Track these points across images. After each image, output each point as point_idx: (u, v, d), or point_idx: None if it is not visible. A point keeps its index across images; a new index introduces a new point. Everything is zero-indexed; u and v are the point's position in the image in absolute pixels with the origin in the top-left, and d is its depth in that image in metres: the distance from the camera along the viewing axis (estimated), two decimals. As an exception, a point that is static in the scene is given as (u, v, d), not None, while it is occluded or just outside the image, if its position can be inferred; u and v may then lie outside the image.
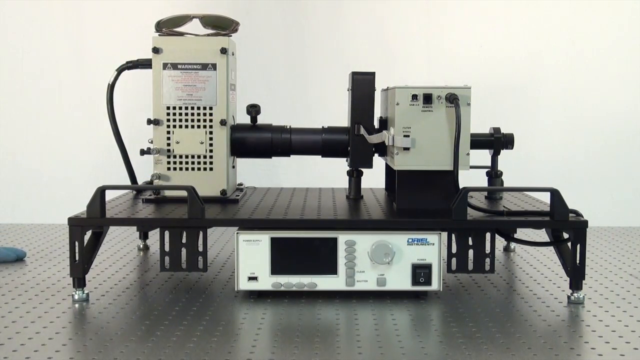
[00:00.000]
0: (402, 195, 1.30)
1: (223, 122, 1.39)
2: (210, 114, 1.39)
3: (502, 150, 1.46)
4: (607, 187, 2.18)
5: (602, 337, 1.06)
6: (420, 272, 1.21)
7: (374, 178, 1.53)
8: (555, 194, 1.22)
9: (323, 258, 1.22)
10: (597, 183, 2.18)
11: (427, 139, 1.25)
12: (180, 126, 1.39)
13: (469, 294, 1.28)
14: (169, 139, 1.39)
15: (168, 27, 1.42)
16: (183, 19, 1.42)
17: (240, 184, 1.60)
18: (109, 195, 1.33)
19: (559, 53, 2.16)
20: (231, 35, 1.43)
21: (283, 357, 0.98)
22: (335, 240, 1.22)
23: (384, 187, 1.56)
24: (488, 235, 1.25)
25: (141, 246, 1.64)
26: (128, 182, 1.52)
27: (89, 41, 2.13)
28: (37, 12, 2.15)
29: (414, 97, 1.25)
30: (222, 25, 1.43)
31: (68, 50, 2.16)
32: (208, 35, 1.42)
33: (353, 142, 1.39)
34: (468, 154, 1.26)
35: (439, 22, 2.16)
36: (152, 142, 1.39)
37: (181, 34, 1.42)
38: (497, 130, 1.45)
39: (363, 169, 1.45)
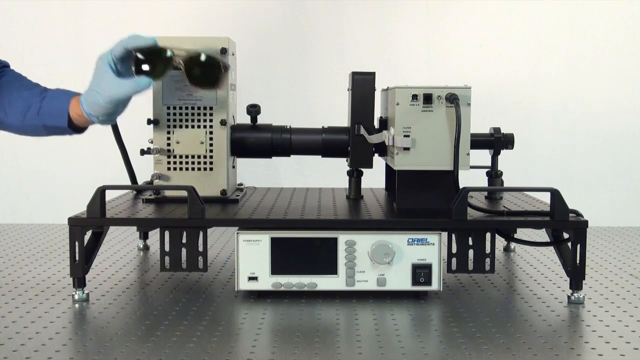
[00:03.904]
0: (402, 195, 1.30)
1: (223, 122, 1.39)
2: (210, 114, 1.39)
3: (502, 150, 1.46)
4: (607, 187, 2.18)
5: (602, 337, 1.06)
6: (420, 272, 1.21)
7: (374, 178, 1.53)
8: (555, 194, 1.22)
9: (323, 258, 1.22)
10: (597, 183, 2.18)
11: (427, 139, 1.25)
12: (180, 126, 1.39)
13: (469, 294, 1.28)
14: (169, 139, 1.39)
15: None
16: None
17: (240, 184, 1.60)
18: (109, 195, 1.33)
19: (559, 53, 2.16)
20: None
21: (283, 357, 0.98)
22: (335, 240, 1.21)
23: (384, 187, 1.56)
24: (488, 235, 1.25)
25: (141, 246, 1.64)
26: (128, 182, 1.52)
27: (89, 41, 2.13)
28: (37, 12, 2.15)
29: (414, 97, 1.25)
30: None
31: (68, 50, 2.16)
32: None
33: (353, 142, 1.39)
34: (468, 154, 1.26)
35: (439, 22, 2.16)
36: (152, 142, 1.39)
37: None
38: (497, 130, 1.45)
39: (363, 169, 1.45)
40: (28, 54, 2.12)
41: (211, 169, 1.40)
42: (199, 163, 1.39)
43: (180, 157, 1.39)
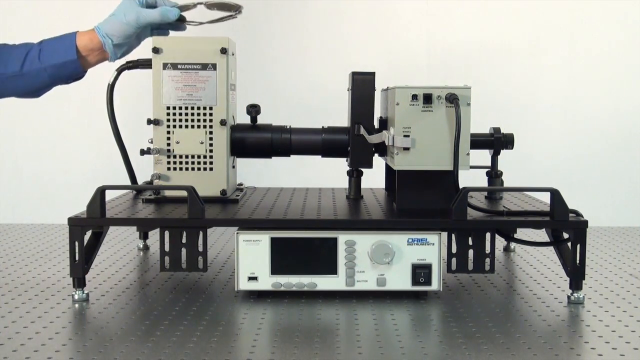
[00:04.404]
0: (402, 195, 1.30)
1: (223, 122, 1.39)
2: (210, 114, 1.39)
3: (502, 150, 1.46)
4: (607, 187, 2.18)
5: (602, 337, 1.06)
6: (420, 272, 1.21)
7: (374, 178, 1.53)
8: (555, 194, 1.22)
9: (323, 258, 1.22)
10: (597, 183, 2.18)
11: (427, 139, 1.25)
12: (180, 126, 1.39)
13: (469, 294, 1.28)
14: (169, 139, 1.39)
15: None
16: (186, 7, 1.42)
17: (240, 184, 1.60)
18: (109, 195, 1.33)
19: (559, 53, 2.16)
20: (237, 17, 1.43)
21: (283, 357, 0.98)
22: (335, 240, 1.21)
23: (384, 187, 1.56)
24: (488, 235, 1.24)
25: (141, 246, 1.64)
26: (128, 182, 1.52)
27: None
28: (36, 12, 2.15)
29: (414, 97, 1.25)
30: (226, 8, 1.43)
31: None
32: (213, 21, 1.42)
33: (353, 142, 1.39)
34: (468, 154, 1.26)
35: (439, 22, 2.16)
36: (152, 142, 1.39)
37: (186, 21, 1.43)
38: (497, 130, 1.45)
39: (363, 169, 1.45)
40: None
41: (211, 169, 1.40)
42: (198, 163, 1.39)
43: (180, 157, 1.39)
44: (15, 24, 2.14)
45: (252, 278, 1.22)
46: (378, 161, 1.42)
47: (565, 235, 1.29)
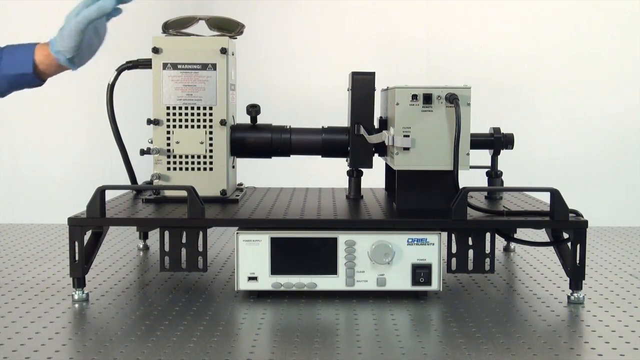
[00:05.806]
0: (402, 195, 1.30)
1: (223, 122, 1.39)
2: (210, 114, 1.39)
3: (502, 150, 1.46)
4: (607, 187, 2.18)
5: (602, 337, 1.06)
6: (420, 272, 1.21)
7: (374, 178, 1.53)
8: (555, 194, 1.22)
9: (323, 258, 1.22)
10: (597, 183, 2.18)
11: (427, 139, 1.25)
12: (180, 126, 1.39)
13: (469, 294, 1.28)
14: (169, 139, 1.39)
15: (175, 28, 1.42)
16: (189, 20, 1.42)
17: (240, 184, 1.60)
18: (109, 195, 1.33)
19: (559, 53, 2.16)
20: (236, 38, 1.44)
21: (283, 357, 0.98)
22: (335, 240, 1.21)
23: (384, 187, 1.56)
24: (488, 235, 1.24)
25: (141, 246, 1.64)
26: (128, 182, 1.52)
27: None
28: (36, 11, 2.15)
29: (414, 97, 1.25)
30: (227, 28, 1.43)
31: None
32: (213, 37, 1.42)
33: (353, 142, 1.39)
34: (468, 154, 1.26)
35: (439, 22, 2.16)
36: (152, 142, 1.39)
37: (188, 34, 1.42)
38: (497, 130, 1.45)
39: (363, 169, 1.45)
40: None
41: (211, 169, 1.40)
42: (198, 163, 1.39)
43: (180, 157, 1.39)
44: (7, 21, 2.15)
45: (252, 278, 1.22)
46: (378, 161, 1.42)
47: (565, 235, 1.29)
